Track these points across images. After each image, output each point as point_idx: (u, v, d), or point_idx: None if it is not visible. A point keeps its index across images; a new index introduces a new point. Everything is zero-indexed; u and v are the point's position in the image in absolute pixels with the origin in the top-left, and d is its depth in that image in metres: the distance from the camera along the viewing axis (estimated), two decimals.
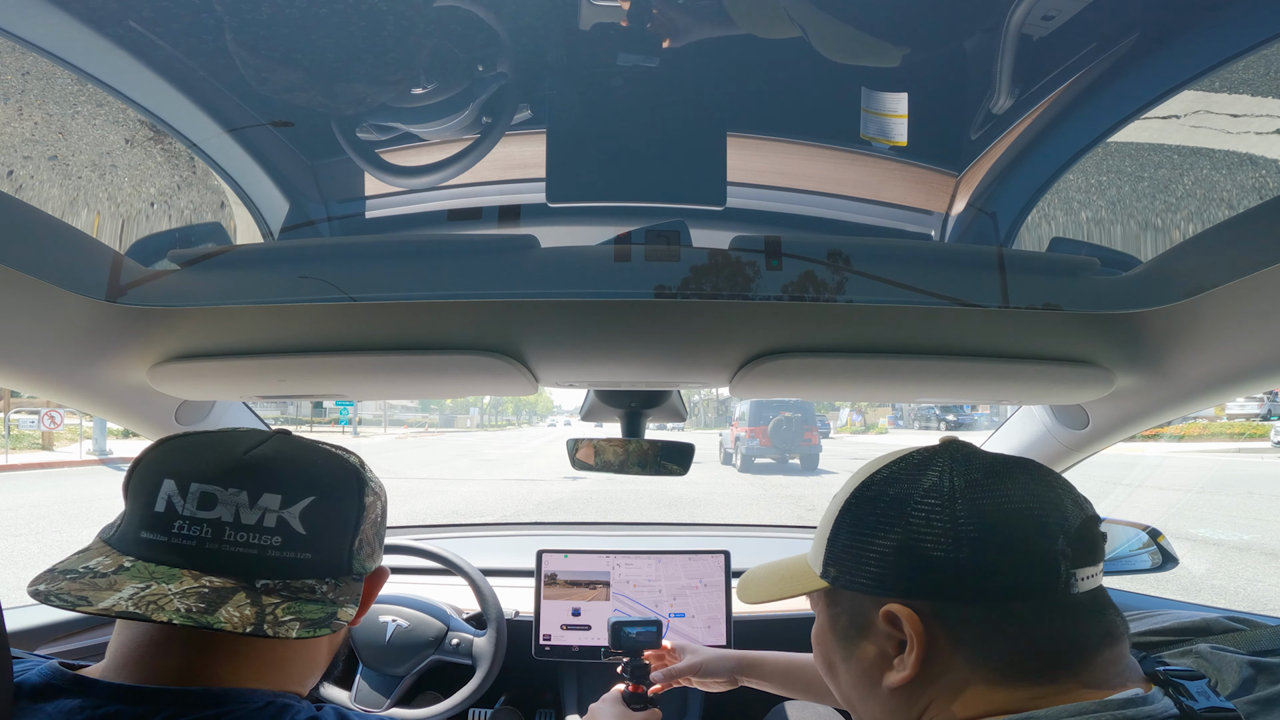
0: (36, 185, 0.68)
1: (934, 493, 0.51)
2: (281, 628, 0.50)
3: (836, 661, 0.58)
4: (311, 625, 0.52)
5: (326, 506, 0.56)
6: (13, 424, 15.27)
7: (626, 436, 1.10)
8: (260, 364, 0.79)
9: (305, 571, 0.55)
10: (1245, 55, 0.56)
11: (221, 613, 0.49)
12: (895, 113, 0.64)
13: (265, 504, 0.53)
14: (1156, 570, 1.28)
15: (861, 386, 0.91)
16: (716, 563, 1.44)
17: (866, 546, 0.53)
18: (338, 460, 0.60)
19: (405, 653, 1.32)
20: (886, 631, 0.51)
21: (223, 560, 0.52)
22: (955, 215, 0.75)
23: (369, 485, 0.61)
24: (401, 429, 41.05)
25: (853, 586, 0.54)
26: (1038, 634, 0.47)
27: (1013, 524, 0.48)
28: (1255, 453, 14.31)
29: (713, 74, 0.65)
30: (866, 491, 0.55)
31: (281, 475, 0.55)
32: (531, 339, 0.75)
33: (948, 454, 0.54)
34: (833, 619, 0.58)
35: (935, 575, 0.49)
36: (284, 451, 0.57)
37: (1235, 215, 0.59)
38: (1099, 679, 0.47)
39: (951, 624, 0.49)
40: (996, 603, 0.48)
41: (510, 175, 0.72)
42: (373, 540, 0.62)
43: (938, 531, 0.49)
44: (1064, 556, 0.47)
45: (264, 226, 0.76)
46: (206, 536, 0.52)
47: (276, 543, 0.53)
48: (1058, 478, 0.53)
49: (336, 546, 0.57)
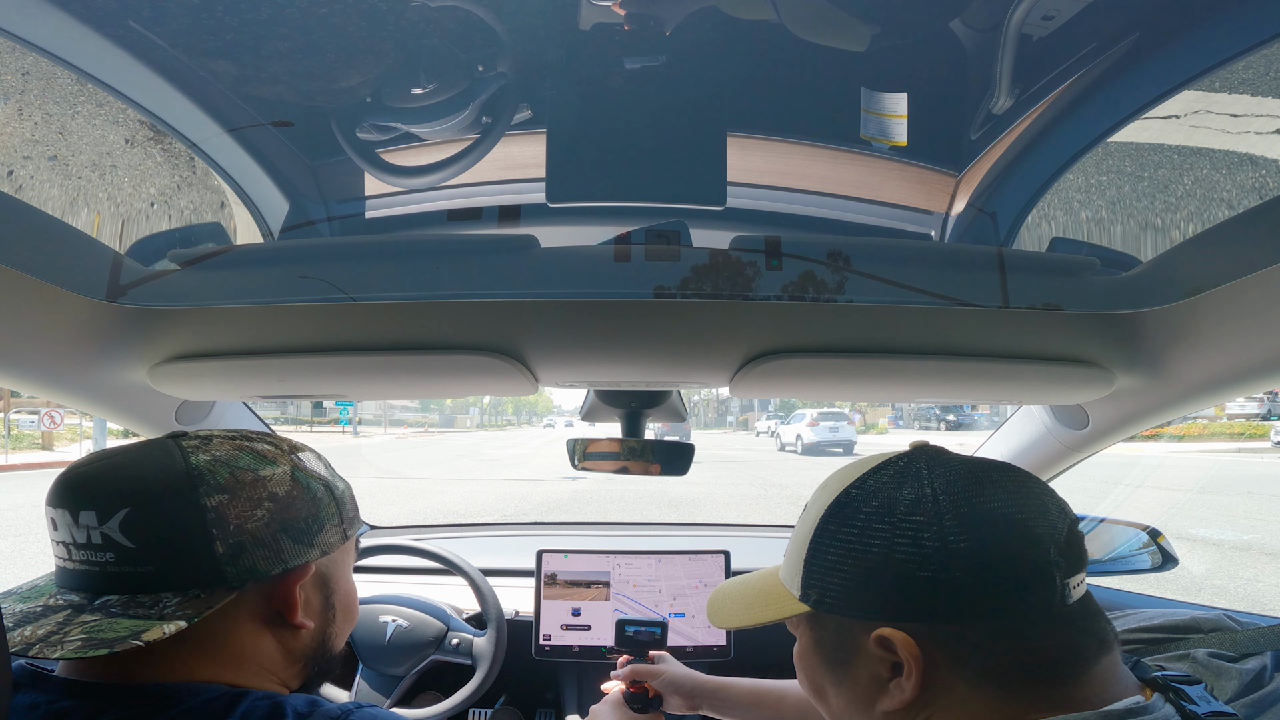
0: (36, 185, 0.68)
1: (918, 509, 0.48)
2: (54, 649, 0.49)
3: (825, 686, 0.55)
4: (96, 645, 0.49)
5: (146, 516, 0.52)
6: (13, 424, 15.27)
7: (626, 437, 1.10)
8: (260, 364, 0.79)
9: (155, 584, 0.52)
10: (1245, 55, 0.56)
11: (26, 630, 0.50)
12: (895, 113, 0.64)
13: (85, 521, 0.52)
14: (1156, 570, 1.28)
15: (861, 386, 0.91)
16: (716, 563, 1.44)
17: (849, 568, 0.50)
18: (162, 460, 0.55)
19: (405, 653, 1.32)
20: (879, 655, 0.49)
21: (76, 578, 0.54)
22: (955, 215, 0.75)
23: (210, 485, 0.55)
24: (401, 429, 41.04)
25: (838, 611, 0.51)
26: (1036, 648, 0.46)
27: (1004, 537, 0.47)
28: (1255, 453, 14.30)
29: (713, 74, 0.65)
30: (842, 509, 0.52)
31: (94, 491, 0.53)
32: (531, 339, 0.75)
33: (924, 462, 0.52)
34: (817, 643, 0.55)
35: (928, 597, 0.47)
36: (110, 463, 0.55)
37: (1235, 215, 0.59)
38: (1097, 688, 0.46)
39: (948, 644, 0.47)
40: (992, 620, 0.47)
41: (510, 175, 0.72)
42: (270, 539, 0.57)
43: (928, 553, 0.47)
44: (1057, 568, 0.46)
45: (264, 226, 0.76)
46: (65, 557, 0.54)
47: (110, 559, 0.52)
48: (1038, 482, 0.51)
49: (185, 555, 0.53)
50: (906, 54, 0.62)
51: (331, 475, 0.65)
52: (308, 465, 0.62)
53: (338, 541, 0.63)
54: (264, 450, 0.60)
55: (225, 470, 0.56)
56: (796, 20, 0.57)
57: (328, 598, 0.64)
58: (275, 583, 0.58)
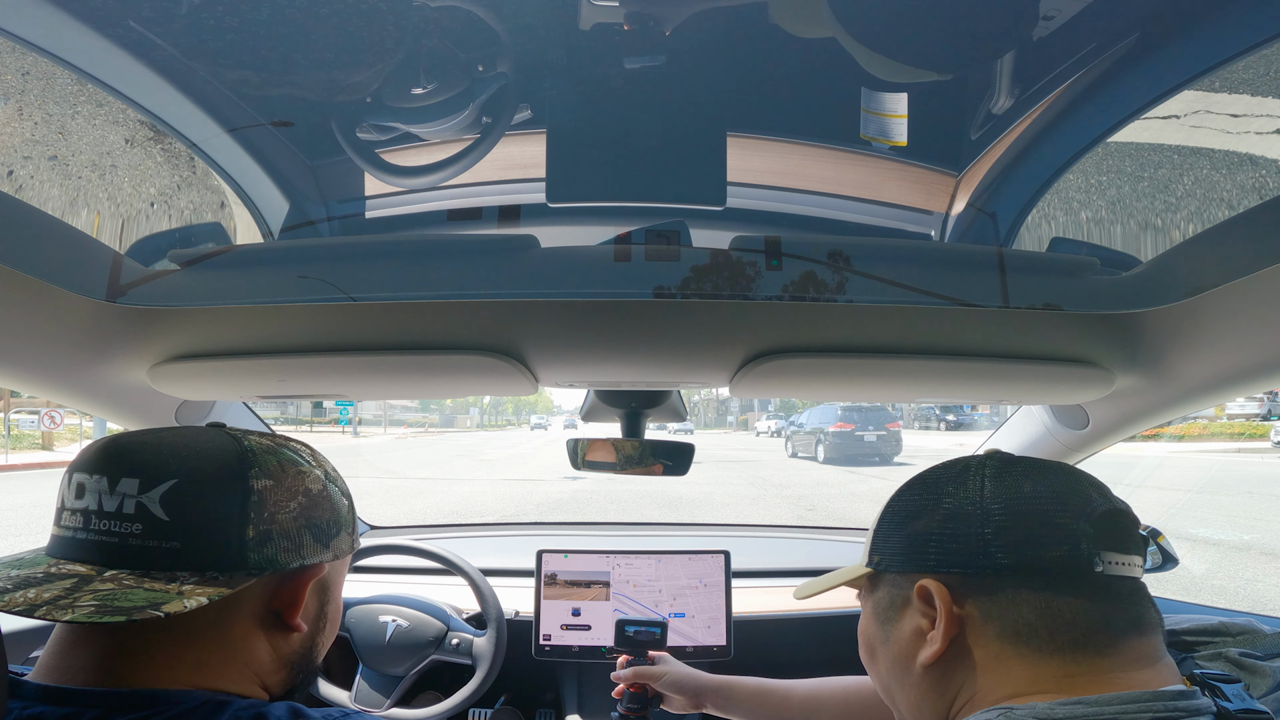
0: (36, 185, 0.68)
1: (963, 479, 0.56)
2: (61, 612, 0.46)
3: (877, 645, 0.61)
4: (111, 611, 0.47)
5: (194, 490, 0.52)
6: (13, 424, 15.27)
7: (626, 437, 1.10)
8: (260, 364, 0.79)
9: (171, 563, 0.51)
10: (1245, 55, 0.56)
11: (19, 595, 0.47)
12: (895, 113, 0.64)
13: (123, 489, 0.51)
14: (1156, 570, 1.27)
15: (861, 386, 0.91)
16: (716, 563, 1.43)
17: (903, 530, 0.58)
18: (217, 439, 0.55)
19: (405, 653, 1.32)
20: (921, 609, 0.55)
21: (85, 549, 0.51)
22: (955, 215, 0.75)
23: (261, 468, 0.55)
24: (401, 429, 41.04)
25: (890, 567, 0.59)
26: (1063, 608, 0.49)
27: (1036, 504, 0.52)
28: (1255, 453, 14.29)
29: (713, 74, 0.65)
30: (909, 489, 0.61)
31: (143, 460, 0.52)
32: (531, 339, 0.75)
33: (988, 456, 0.59)
34: (875, 604, 0.62)
35: (962, 549, 0.53)
36: (159, 435, 0.54)
37: (1235, 215, 0.59)
38: (1128, 666, 0.48)
39: (980, 597, 0.52)
40: (1021, 575, 0.51)
41: (510, 175, 0.72)
42: (295, 533, 0.57)
43: (966, 512, 0.54)
44: (1085, 536, 0.50)
45: (264, 226, 0.76)
46: (76, 526, 0.52)
47: (136, 530, 0.51)
48: (1088, 475, 0.56)
49: (216, 535, 0.53)
50: None
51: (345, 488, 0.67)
52: (334, 472, 0.65)
53: (346, 550, 0.64)
54: (298, 448, 0.62)
55: (274, 458, 0.57)
56: (796, 20, 0.57)
57: (323, 605, 0.64)
58: (288, 578, 0.58)
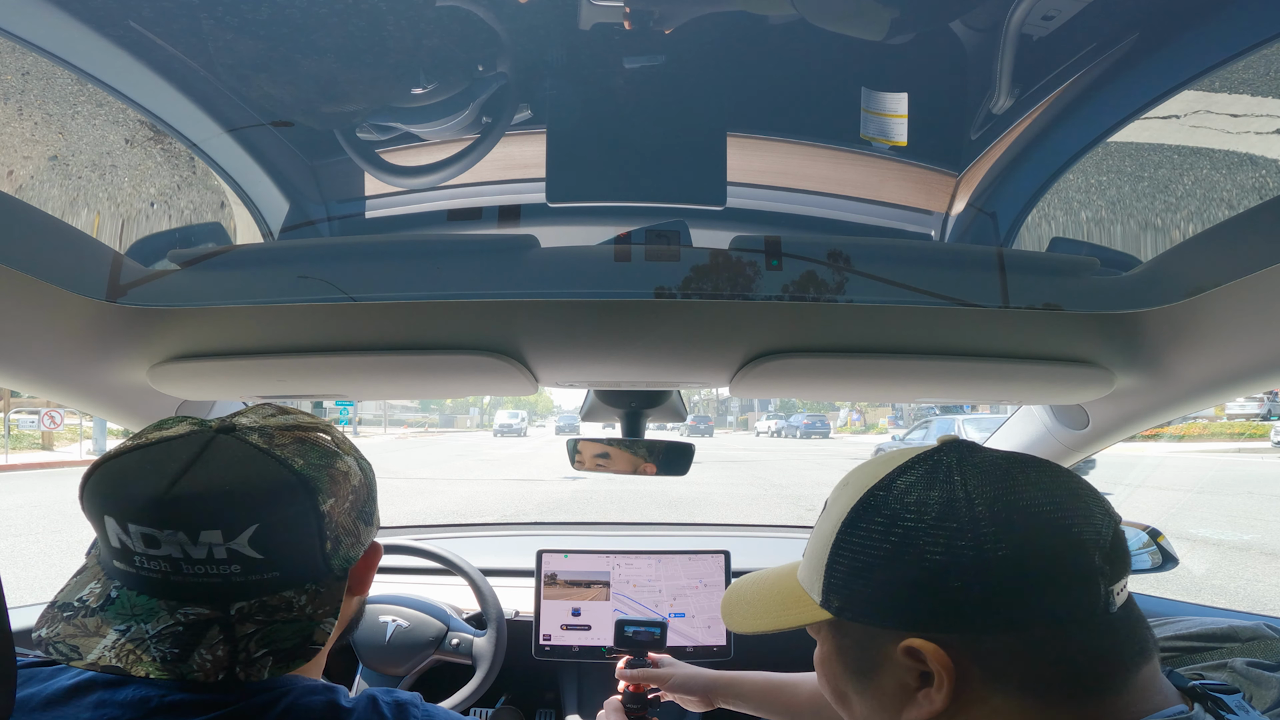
0: (36, 185, 0.68)
1: (951, 513, 0.45)
2: (254, 667, 0.50)
3: (849, 693, 0.52)
4: (285, 659, 0.51)
5: (277, 527, 0.53)
6: (13, 424, 15.27)
7: (626, 437, 1.10)
8: (260, 364, 0.79)
9: (279, 586, 0.54)
10: (1245, 55, 0.56)
11: (195, 658, 0.50)
12: (895, 113, 0.64)
13: (208, 540, 0.51)
14: (1156, 570, 1.28)
15: (861, 386, 0.91)
16: (716, 563, 1.43)
17: (875, 576, 0.47)
18: (275, 472, 0.54)
19: (405, 653, 1.32)
20: (907, 665, 0.46)
21: (191, 591, 0.52)
22: (955, 215, 0.75)
23: (322, 490, 0.56)
24: (402, 429, 41.03)
25: (860, 618, 0.48)
26: (1078, 658, 0.43)
27: (1045, 543, 0.43)
28: (1255, 453, 14.30)
29: (713, 74, 0.65)
30: (867, 510, 0.48)
31: (215, 510, 0.51)
32: (531, 339, 0.75)
33: (954, 458, 0.48)
34: (840, 650, 0.52)
35: (963, 608, 0.43)
36: (215, 478, 0.52)
37: (1235, 215, 0.59)
38: (1138, 698, 0.44)
39: (982, 655, 0.44)
40: (1032, 630, 0.43)
41: (510, 175, 0.72)
42: (353, 527, 0.60)
43: (964, 562, 0.43)
44: (1102, 575, 0.43)
45: (264, 226, 0.76)
46: (168, 570, 0.51)
47: (236, 570, 0.52)
48: (1080, 480, 0.48)
49: (306, 557, 0.55)
50: (907, 54, 0.62)
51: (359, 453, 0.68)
52: (348, 442, 0.64)
53: (379, 519, 0.66)
54: (323, 441, 0.60)
55: (323, 473, 0.57)
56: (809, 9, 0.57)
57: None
58: (361, 563, 0.62)
